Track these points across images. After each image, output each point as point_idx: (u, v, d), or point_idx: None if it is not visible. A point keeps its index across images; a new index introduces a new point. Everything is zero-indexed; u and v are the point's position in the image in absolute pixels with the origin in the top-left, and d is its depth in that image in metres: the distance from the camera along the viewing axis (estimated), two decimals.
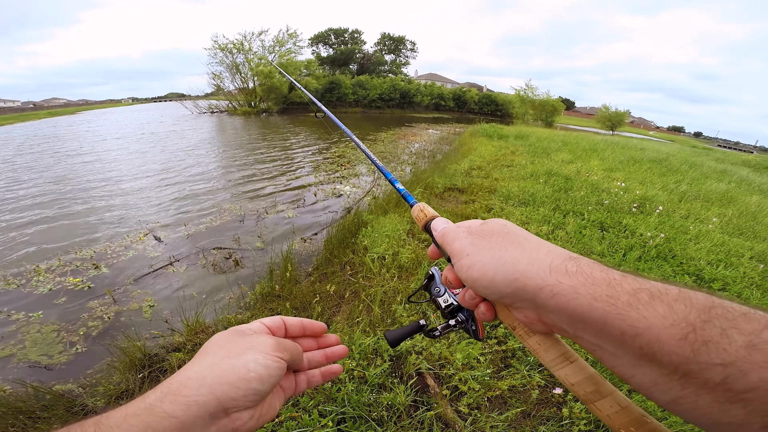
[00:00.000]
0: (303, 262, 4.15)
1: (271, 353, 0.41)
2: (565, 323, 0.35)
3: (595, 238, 4.00)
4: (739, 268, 3.55)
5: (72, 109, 45.77)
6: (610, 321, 0.31)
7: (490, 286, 0.39)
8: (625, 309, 0.30)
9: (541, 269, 0.36)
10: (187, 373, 0.39)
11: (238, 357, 0.40)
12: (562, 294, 0.34)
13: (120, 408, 0.37)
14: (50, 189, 7.24)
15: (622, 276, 0.33)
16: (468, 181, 6.44)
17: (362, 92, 42.27)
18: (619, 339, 0.31)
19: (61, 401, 2.17)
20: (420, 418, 1.82)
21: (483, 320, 0.46)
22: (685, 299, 0.29)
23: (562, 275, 0.35)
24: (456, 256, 0.43)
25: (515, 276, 0.37)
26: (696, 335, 0.27)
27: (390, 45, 57.26)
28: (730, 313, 0.27)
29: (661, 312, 0.29)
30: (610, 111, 39.37)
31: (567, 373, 0.39)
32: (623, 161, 9.75)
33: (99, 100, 74.06)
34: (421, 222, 0.57)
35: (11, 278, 3.78)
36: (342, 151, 12.10)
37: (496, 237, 0.41)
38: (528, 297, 0.36)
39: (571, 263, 0.35)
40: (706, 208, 5.77)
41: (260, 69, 32.03)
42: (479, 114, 45.29)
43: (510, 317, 0.42)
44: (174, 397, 0.36)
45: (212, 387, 0.37)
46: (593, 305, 0.32)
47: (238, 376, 0.38)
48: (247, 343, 0.42)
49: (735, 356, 0.25)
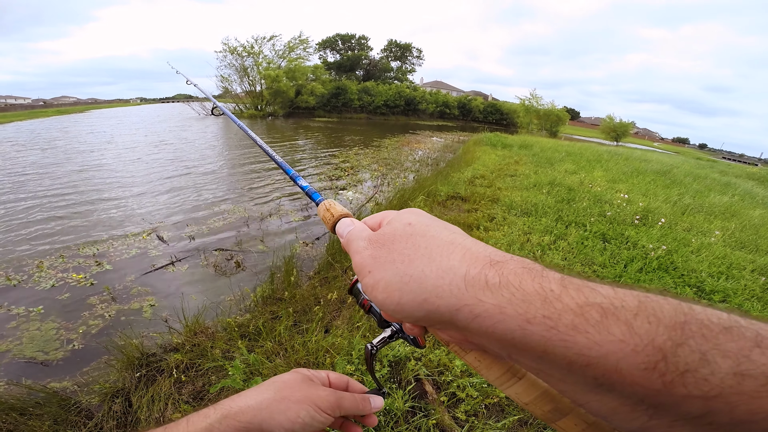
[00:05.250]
0: (304, 266, 4.16)
1: (324, 410, 0.46)
2: (496, 347, 0.29)
3: (597, 250, 3.99)
4: (740, 280, 3.54)
5: (81, 108, 46.12)
6: (551, 348, 0.24)
7: (399, 310, 0.31)
8: (570, 334, 0.23)
9: (453, 284, 0.28)
10: (248, 401, 0.46)
11: (296, 403, 0.45)
12: (485, 316, 0.27)
13: (182, 421, 0.45)
14: (53, 186, 7.31)
15: (561, 286, 0.26)
16: (471, 189, 6.45)
17: (368, 98, 42.53)
18: (565, 368, 0.24)
19: (54, 398, 2.17)
20: (417, 424, 1.82)
21: (412, 335, 0.40)
22: (648, 314, 0.23)
23: (481, 290, 0.27)
24: (359, 273, 0.36)
25: (424, 296, 0.30)
26: (668, 364, 0.21)
27: (396, 52, 57.65)
28: (708, 329, 0.21)
29: (619, 335, 0.22)
30: (615, 122, 39.41)
31: (517, 392, 0.33)
32: (627, 172, 9.76)
33: (108, 100, 74.91)
34: (329, 223, 0.47)
35: (13, 274, 3.80)
36: (346, 156, 12.16)
37: (398, 243, 0.33)
38: (444, 319, 0.29)
39: (492, 272, 0.28)
40: (708, 221, 5.76)
41: (268, 73, 32.37)
42: (484, 123, 45.49)
43: (439, 333, 0.36)
44: (230, 420, 0.44)
45: (264, 420, 0.44)
46: (527, 329, 0.25)
47: (287, 419, 0.44)
48: (309, 392, 0.47)
49: (720, 388, 0.20)
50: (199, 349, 2.47)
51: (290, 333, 2.56)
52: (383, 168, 10.34)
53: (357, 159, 11.65)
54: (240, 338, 2.51)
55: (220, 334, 2.67)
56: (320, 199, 0.53)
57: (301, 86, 35.43)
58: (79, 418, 2.06)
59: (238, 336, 2.56)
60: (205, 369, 2.29)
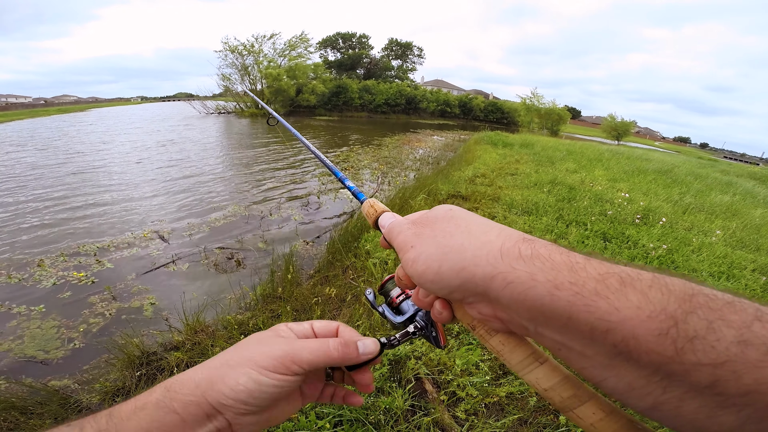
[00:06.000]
0: (305, 264, 4.17)
1: (270, 369, 0.39)
2: (525, 318, 0.31)
3: (598, 249, 3.99)
4: (741, 280, 3.54)
5: (82, 107, 46.24)
6: (575, 314, 0.26)
7: (437, 279, 0.34)
8: (593, 299, 0.26)
9: (491, 254, 0.31)
10: (189, 373, 0.40)
11: (233, 368, 0.39)
12: (517, 282, 0.29)
13: (130, 401, 0.39)
14: (54, 186, 7.32)
15: (586, 259, 0.29)
16: (472, 188, 6.44)
17: (368, 97, 42.48)
18: (587, 335, 0.26)
19: (55, 397, 2.17)
20: (417, 423, 1.82)
21: (440, 321, 0.40)
22: (660, 285, 0.25)
23: (515, 260, 0.30)
24: (401, 251, 0.39)
25: (462, 265, 0.32)
26: (678, 330, 0.23)
27: (397, 50, 57.58)
28: (713, 302, 0.23)
29: (635, 302, 0.25)
30: (616, 121, 39.36)
31: (538, 377, 0.33)
32: (628, 171, 9.74)
33: (109, 98, 75.13)
34: (372, 218, 0.53)
35: (14, 272, 3.81)
36: (347, 155, 12.16)
37: (440, 223, 0.37)
38: (479, 289, 0.32)
39: (525, 245, 0.31)
40: (709, 220, 5.75)
41: (269, 71, 32.35)
42: (485, 121, 45.39)
43: (467, 315, 0.37)
44: (173, 394, 0.38)
45: (204, 391, 0.38)
46: (555, 295, 0.27)
47: (227, 386, 0.38)
48: (255, 351, 0.40)
49: (726, 355, 0.21)
50: (200, 348, 2.47)
51: None
52: (384, 166, 10.33)
53: (358, 157, 11.65)
54: (240, 336, 2.52)
55: (221, 333, 2.68)
56: (364, 198, 0.61)
57: (302, 85, 35.40)
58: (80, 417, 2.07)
59: (238, 334, 2.56)
60: None
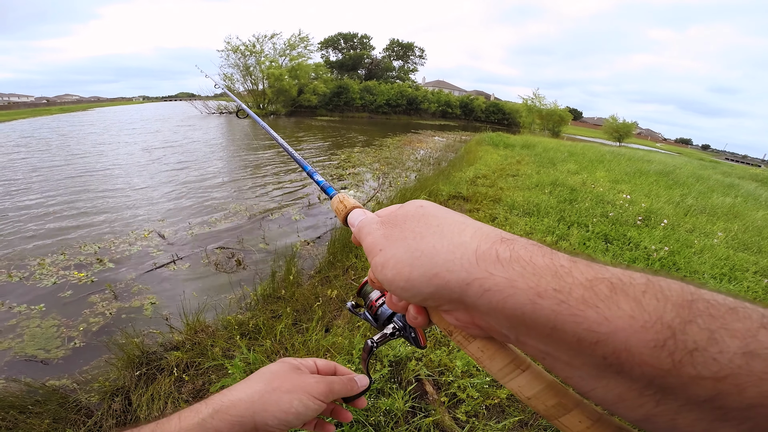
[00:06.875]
0: (305, 264, 4.16)
1: (316, 397, 0.47)
2: (504, 327, 0.28)
3: (599, 250, 3.98)
4: (743, 282, 3.53)
5: (84, 106, 46.37)
6: (561, 324, 0.24)
7: (408, 287, 0.31)
8: (580, 308, 0.23)
9: (465, 258, 0.28)
10: (239, 394, 0.46)
11: (287, 393, 0.46)
12: (495, 290, 0.26)
13: (173, 417, 0.44)
14: (55, 185, 7.32)
15: (571, 261, 0.26)
16: (473, 189, 6.44)
17: (369, 97, 42.52)
18: (574, 347, 0.24)
19: (54, 396, 2.17)
20: (417, 425, 1.81)
21: (415, 326, 0.38)
22: (656, 291, 0.22)
23: (492, 264, 0.27)
24: (369, 254, 0.36)
25: (434, 271, 0.29)
26: (677, 341, 0.20)
27: (398, 51, 57.58)
28: (715, 309, 0.21)
29: (628, 310, 0.22)
30: (618, 122, 39.34)
31: (520, 385, 0.31)
32: (629, 173, 9.72)
33: (110, 98, 75.30)
34: (341, 215, 0.48)
35: (15, 271, 3.81)
36: (348, 155, 12.16)
37: (410, 222, 0.34)
38: (454, 297, 0.29)
39: (503, 247, 0.28)
40: (711, 222, 5.74)
41: (271, 71, 32.37)
42: (486, 122, 45.38)
43: (443, 321, 0.34)
44: (223, 415, 0.43)
45: (256, 413, 0.44)
46: (537, 303, 0.24)
47: (280, 409, 0.44)
48: (299, 381, 0.48)
49: (730, 368, 0.19)
50: (200, 348, 2.47)
51: (290, 332, 2.56)
52: (385, 167, 10.33)
53: (359, 158, 11.65)
54: (240, 336, 2.51)
55: (221, 333, 2.67)
56: (334, 192, 0.57)
57: (304, 85, 35.42)
58: (78, 417, 2.06)
59: (238, 334, 2.56)
60: (206, 368, 2.29)
